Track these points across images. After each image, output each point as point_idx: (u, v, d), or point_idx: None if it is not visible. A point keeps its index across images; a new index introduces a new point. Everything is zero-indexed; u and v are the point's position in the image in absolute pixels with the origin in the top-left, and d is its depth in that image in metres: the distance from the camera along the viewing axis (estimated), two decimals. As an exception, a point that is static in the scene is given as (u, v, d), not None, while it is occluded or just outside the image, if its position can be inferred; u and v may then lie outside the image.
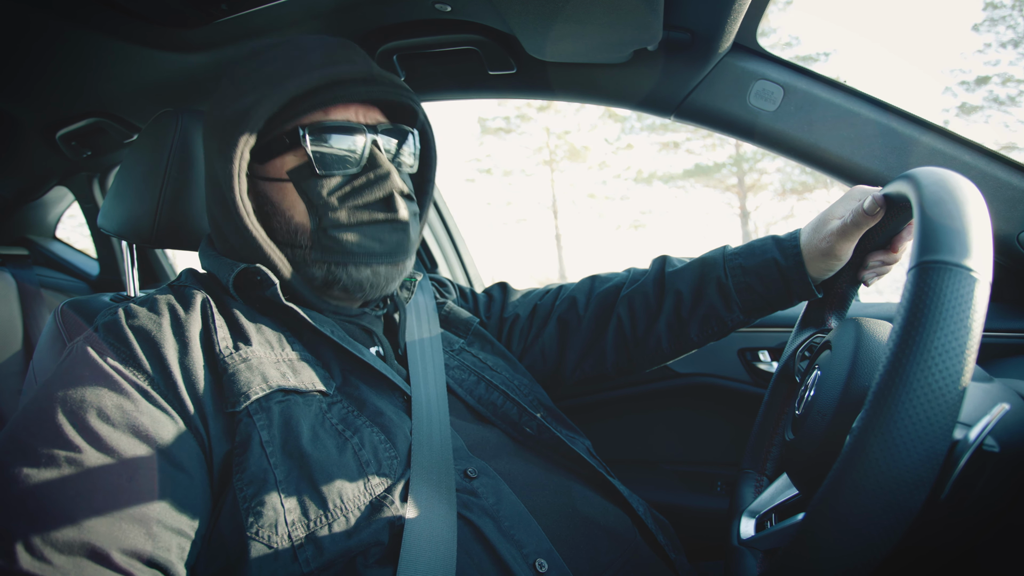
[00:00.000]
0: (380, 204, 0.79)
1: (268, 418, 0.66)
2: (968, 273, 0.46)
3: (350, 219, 0.78)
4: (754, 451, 0.86)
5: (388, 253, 0.80)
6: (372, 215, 0.78)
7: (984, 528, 0.56)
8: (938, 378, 0.43)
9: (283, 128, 0.77)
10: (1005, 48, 17.92)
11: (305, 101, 0.76)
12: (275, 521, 0.61)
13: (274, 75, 0.77)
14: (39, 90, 1.37)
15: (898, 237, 0.80)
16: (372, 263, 0.79)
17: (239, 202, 0.75)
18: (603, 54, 1.06)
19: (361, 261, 0.79)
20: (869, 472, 0.44)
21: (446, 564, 0.62)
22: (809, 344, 0.84)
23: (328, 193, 0.77)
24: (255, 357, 0.70)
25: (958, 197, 0.52)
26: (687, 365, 1.33)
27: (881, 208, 0.74)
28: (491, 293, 1.12)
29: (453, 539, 0.64)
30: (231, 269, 0.77)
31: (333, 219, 0.77)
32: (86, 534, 0.55)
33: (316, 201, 0.77)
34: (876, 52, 36.72)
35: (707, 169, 19.88)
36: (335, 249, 0.78)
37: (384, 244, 0.80)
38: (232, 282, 0.76)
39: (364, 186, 0.78)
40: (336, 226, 0.77)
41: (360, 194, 0.78)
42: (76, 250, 2.28)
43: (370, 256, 0.79)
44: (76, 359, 0.66)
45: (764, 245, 0.89)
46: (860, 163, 1.03)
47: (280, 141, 0.78)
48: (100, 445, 0.59)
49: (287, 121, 0.77)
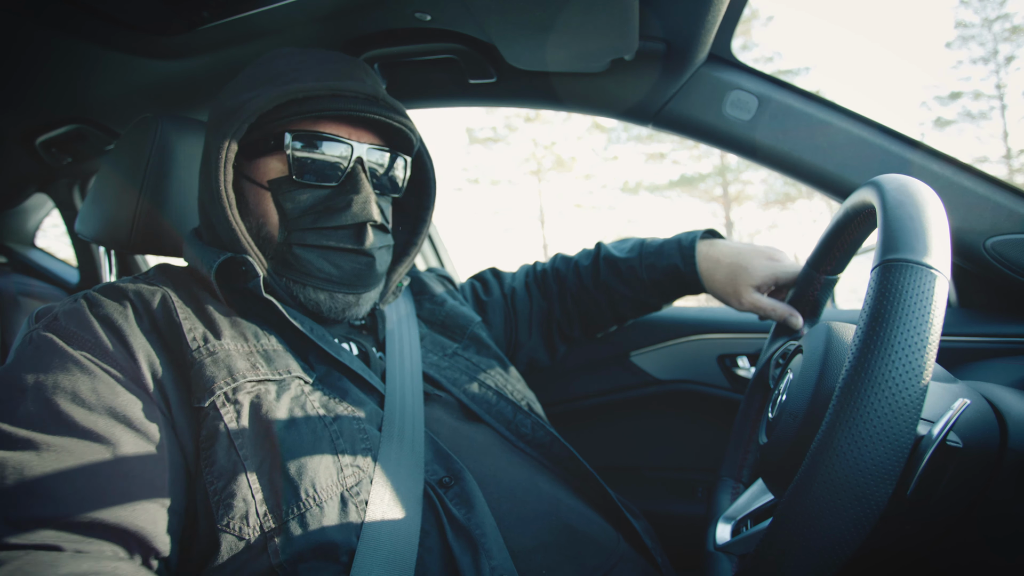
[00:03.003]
0: (349, 232, 0.79)
1: (236, 410, 0.65)
2: (928, 270, 0.48)
3: (316, 241, 0.78)
4: (731, 458, 0.87)
5: (346, 283, 0.80)
6: (338, 242, 0.78)
7: (950, 527, 0.57)
8: (902, 372, 0.45)
9: (273, 128, 0.77)
10: (976, 64, 18.44)
11: (300, 106, 0.76)
12: (246, 512, 0.61)
13: (278, 75, 0.78)
14: (18, 97, 1.36)
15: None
16: (329, 288, 0.79)
17: (223, 192, 0.75)
18: (581, 63, 1.08)
19: (318, 285, 0.79)
20: (837, 466, 0.44)
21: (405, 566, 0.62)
22: (783, 351, 0.85)
23: (302, 211, 0.77)
24: (223, 350, 0.69)
25: (918, 200, 0.53)
26: (668, 372, 1.34)
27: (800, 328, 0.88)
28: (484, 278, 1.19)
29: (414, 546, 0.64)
30: (217, 256, 0.76)
31: (299, 237, 0.78)
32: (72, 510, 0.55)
33: (289, 215, 0.78)
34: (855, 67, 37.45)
35: (692, 180, 20.11)
36: (295, 267, 0.79)
37: (343, 272, 0.79)
38: (216, 269, 0.75)
39: (338, 209, 0.78)
40: (301, 244, 0.78)
41: (332, 217, 0.78)
42: (56, 258, 2.24)
43: (327, 282, 0.79)
44: (41, 347, 0.65)
45: (670, 250, 1.06)
46: (832, 171, 1.06)
47: (266, 141, 0.78)
48: (78, 428, 0.59)
49: (278, 123, 0.77)
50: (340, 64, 0.82)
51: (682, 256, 1.04)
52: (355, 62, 0.84)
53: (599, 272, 1.12)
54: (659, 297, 1.10)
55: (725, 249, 1.02)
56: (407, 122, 0.83)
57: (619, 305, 1.13)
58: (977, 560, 0.60)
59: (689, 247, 1.04)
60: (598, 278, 1.12)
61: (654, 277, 1.07)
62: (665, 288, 1.08)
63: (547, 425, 0.86)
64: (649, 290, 1.09)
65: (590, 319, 1.17)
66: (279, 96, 0.75)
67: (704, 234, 1.07)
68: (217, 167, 0.75)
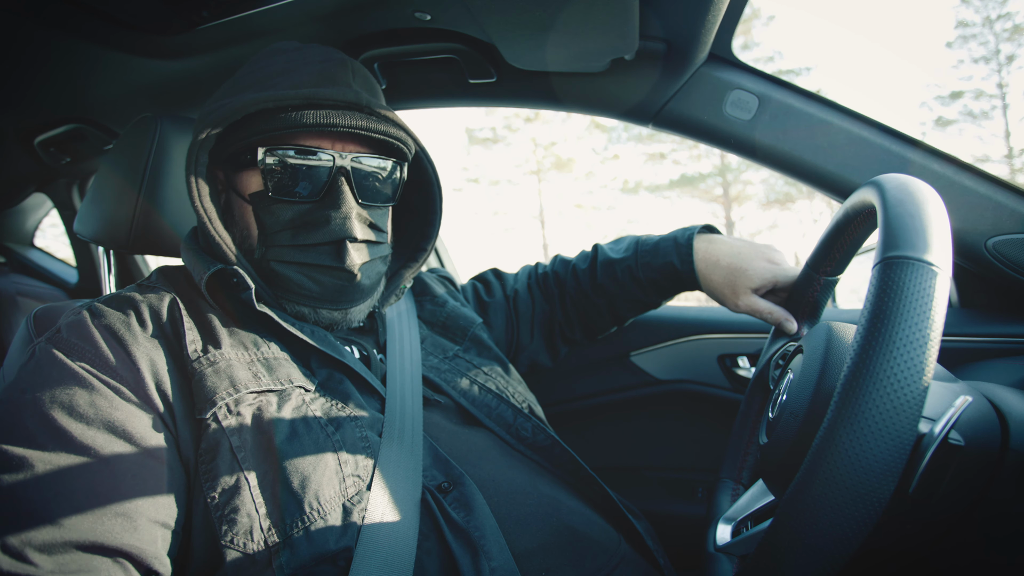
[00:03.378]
0: (329, 249, 0.76)
1: (238, 423, 0.65)
2: (929, 267, 0.47)
3: (293, 257, 0.76)
4: (731, 459, 0.87)
5: (327, 299, 0.78)
6: (317, 259, 0.76)
7: (950, 527, 0.57)
8: (903, 368, 0.44)
9: (249, 140, 0.74)
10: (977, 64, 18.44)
11: (271, 117, 0.73)
12: (250, 527, 0.60)
13: (263, 79, 0.76)
14: (18, 96, 1.36)
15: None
16: (311, 304, 0.78)
17: (198, 206, 0.74)
18: (581, 63, 1.08)
19: (298, 300, 0.78)
20: (839, 463, 0.44)
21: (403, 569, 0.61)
22: (783, 351, 0.85)
23: (280, 226, 0.76)
24: (223, 360, 0.68)
25: (918, 198, 0.53)
26: (668, 372, 1.34)
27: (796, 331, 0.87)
28: (486, 279, 1.18)
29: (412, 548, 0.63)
30: (207, 267, 0.75)
31: (277, 253, 0.76)
32: (69, 532, 0.55)
33: (268, 230, 0.76)
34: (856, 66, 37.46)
35: (692, 179, 20.11)
36: (274, 282, 0.78)
37: (323, 289, 0.77)
38: (205, 282, 0.74)
39: (316, 224, 0.75)
40: (279, 260, 0.76)
41: (310, 233, 0.75)
42: (55, 258, 2.24)
43: (308, 298, 0.78)
44: (41, 361, 0.65)
45: (667, 248, 1.05)
46: (833, 171, 1.05)
47: (243, 154, 0.76)
48: (75, 444, 0.59)
49: (254, 135, 0.74)
50: (327, 66, 0.77)
51: (679, 254, 1.03)
52: (344, 63, 0.79)
53: (596, 275, 1.11)
54: (657, 295, 1.09)
55: (724, 248, 1.00)
56: (392, 131, 0.78)
57: (618, 307, 1.12)
58: (977, 560, 0.60)
59: (686, 245, 1.02)
60: (595, 281, 1.11)
61: (650, 276, 1.06)
62: (662, 286, 1.07)
63: (548, 428, 0.86)
64: (646, 289, 1.07)
65: (590, 322, 1.17)
66: (247, 105, 0.71)
67: (701, 229, 1.05)
68: (189, 179, 0.73)
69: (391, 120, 0.78)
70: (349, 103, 0.74)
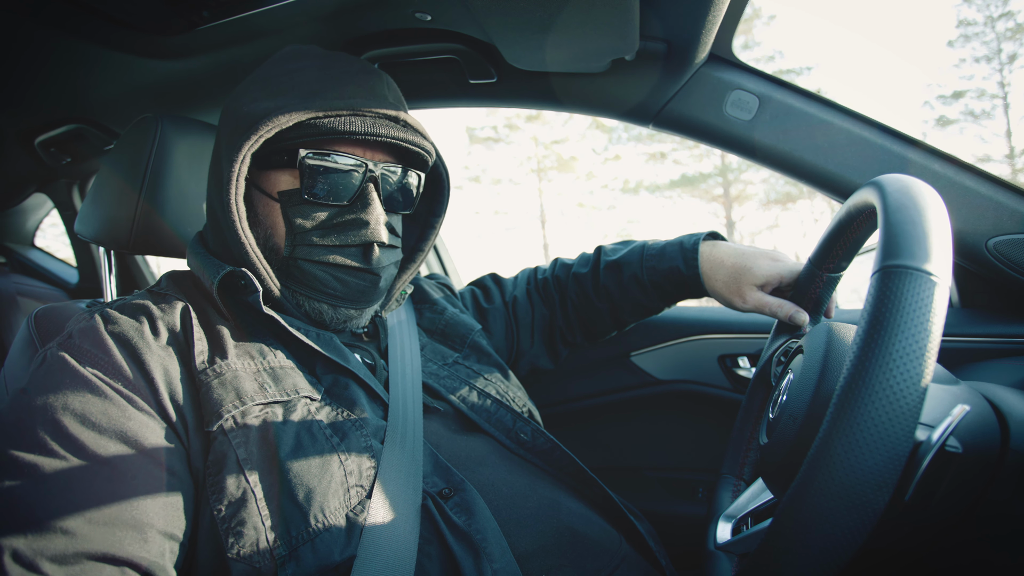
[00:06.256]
0: (357, 251, 0.79)
1: (245, 435, 0.64)
2: (928, 277, 0.47)
3: (322, 256, 0.77)
4: (732, 456, 0.87)
5: (350, 298, 0.80)
6: (345, 259, 0.78)
7: (950, 527, 0.57)
8: (899, 380, 0.44)
9: (287, 142, 0.76)
10: (979, 63, 18.41)
11: (319, 123, 0.74)
12: (256, 540, 0.60)
13: (301, 85, 0.76)
14: (18, 96, 1.36)
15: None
16: (332, 302, 0.79)
17: (233, 205, 0.74)
18: (581, 63, 1.08)
19: (321, 298, 0.79)
20: (834, 473, 0.44)
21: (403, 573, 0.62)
22: (784, 349, 0.85)
23: (310, 226, 0.77)
24: (230, 371, 0.69)
25: (920, 203, 0.53)
26: (668, 372, 1.34)
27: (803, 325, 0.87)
28: (484, 284, 1.18)
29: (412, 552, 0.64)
30: (218, 271, 0.75)
31: (306, 252, 0.77)
32: (81, 543, 0.55)
33: (296, 229, 0.77)
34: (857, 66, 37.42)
35: (693, 179, 20.10)
36: (299, 279, 0.79)
37: (348, 289, 0.79)
38: (217, 284, 0.75)
39: (346, 227, 0.77)
40: (307, 259, 0.77)
41: (340, 234, 0.77)
42: (55, 258, 2.24)
43: (331, 296, 0.79)
44: (53, 366, 0.65)
45: (672, 252, 1.05)
46: (833, 171, 1.05)
47: (279, 155, 0.77)
48: (87, 453, 0.58)
49: (295, 138, 0.75)
50: (366, 77, 0.80)
51: (684, 258, 1.03)
52: (380, 76, 0.83)
53: (599, 278, 1.11)
54: (660, 300, 1.10)
55: (728, 250, 1.01)
56: (424, 143, 0.82)
57: (619, 310, 1.12)
58: (977, 560, 0.60)
59: (692, 249, 1.03)
60: (598, 284, 1.11)
61: (654, 279, 1.06)
62: (665, 291, 1.07)
63: (547, 432, 0.86)
64: (649, 293, 1.08)
65: (592, 325, 1.17)
66: (301, 114, 0.73)
67: (707, 236, 1.07)
68: (229, 179, 0.73)
69: (419, 132, 0.81)
70: (389, 117, 0.78)
